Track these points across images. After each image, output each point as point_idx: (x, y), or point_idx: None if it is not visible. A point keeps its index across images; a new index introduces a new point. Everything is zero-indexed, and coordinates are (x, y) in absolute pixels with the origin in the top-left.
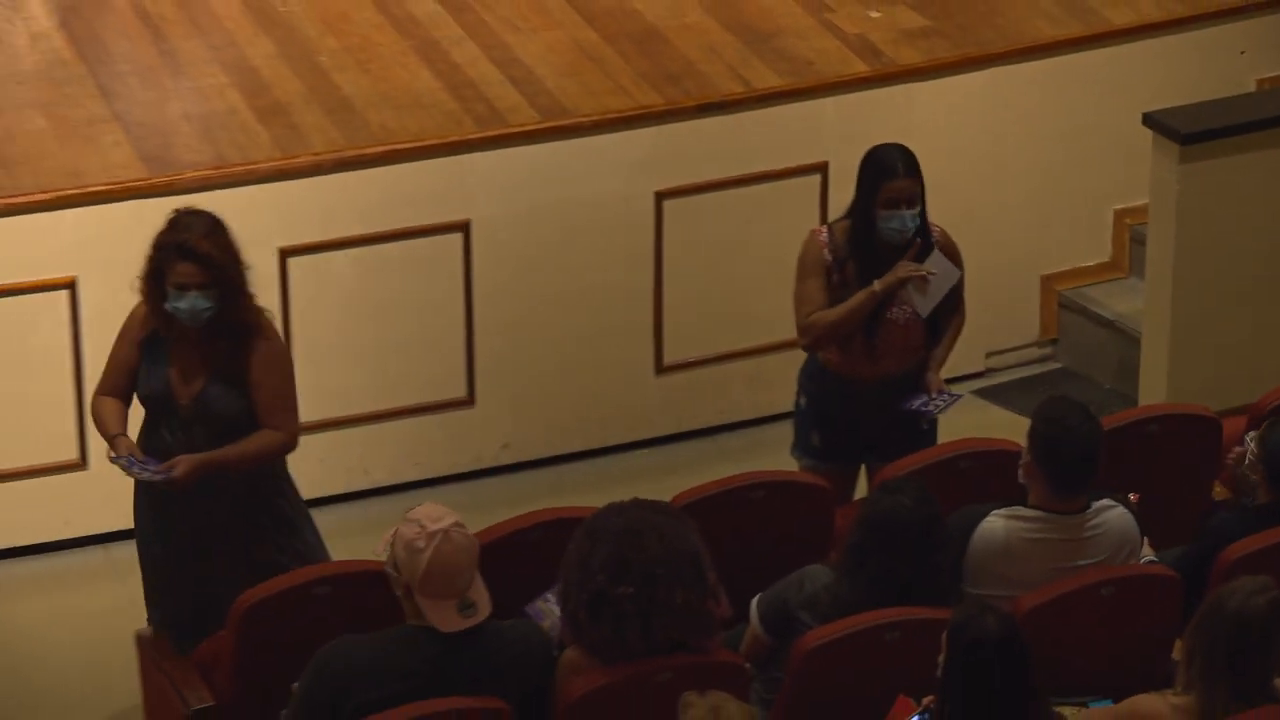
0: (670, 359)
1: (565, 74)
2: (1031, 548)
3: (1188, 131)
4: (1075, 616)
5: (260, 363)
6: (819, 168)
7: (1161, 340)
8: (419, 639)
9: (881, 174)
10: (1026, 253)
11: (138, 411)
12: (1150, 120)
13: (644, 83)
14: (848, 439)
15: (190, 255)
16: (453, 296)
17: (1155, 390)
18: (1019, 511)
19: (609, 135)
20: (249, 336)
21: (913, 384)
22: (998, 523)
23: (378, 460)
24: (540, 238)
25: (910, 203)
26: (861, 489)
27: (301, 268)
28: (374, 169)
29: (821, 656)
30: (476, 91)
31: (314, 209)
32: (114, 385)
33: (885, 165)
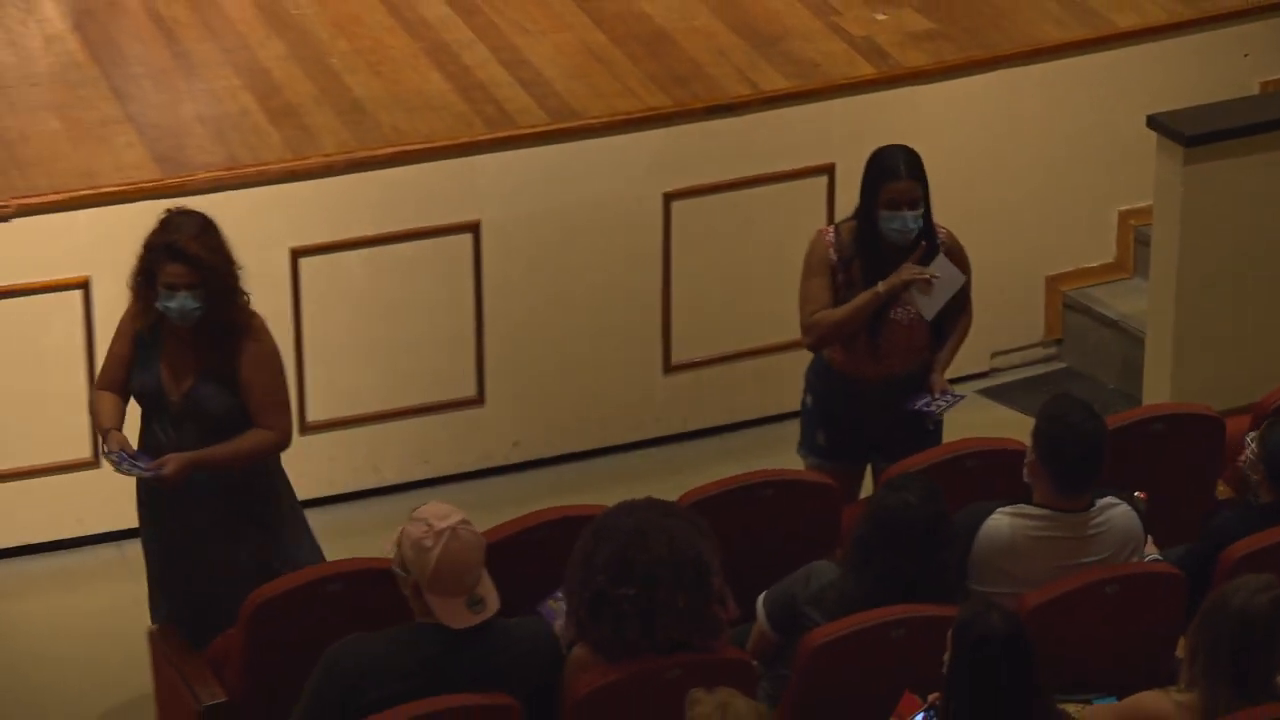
0: (678, 358)
1: (574, 76)
2: (1036, 545)
3: (1191, 133)
4: (1080, 614)
5: (250, 363)
6: (826, 169)
7: (1165, 340)
8: (428, 636)
9: (884, 175)
10: (1031, 253)
11: (137, 407)
12: (1154, 122)
13: (652, 85)
14: (853, 438)
15: (180, 256)
16: (462, 296)
17: (1159, 390)
18: (1024, 509)
19: (618, 137)
20: (239, 337)
21: (918, 384)
22: (1003, 520)
23: (388, 458)
24: (549, 238)
25: (912, 204)
26: (868, 488)
27: (313, 268)
28: (385, 170)
29: (828, 653)
30: (486, 93)
31: (325, 209)
32: (111, 380)
33: (888, 166)
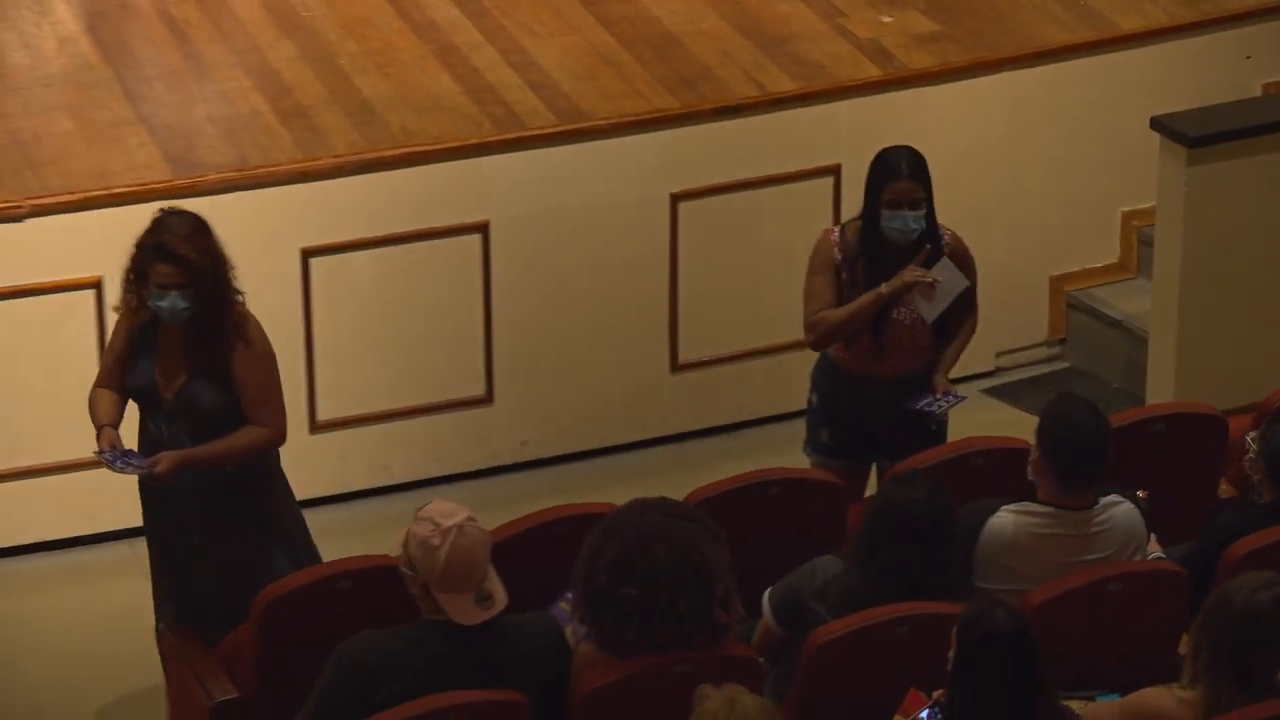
0: (685, 357)
1: (582, 78)
2: (1040, 543)
3: (1195, 135)
4: (1083, 611)
5: (242, 362)
6: (832, 170)
7: (1168, 340)
8: (437, 633)
9: (886, 175)
10: (1036, 254)
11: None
12: (1158, 124)
13: (660, 87)
14: (857, 437)
15: (169, 257)
16: (471, 296)
17: (1162, 389)
18: (1028, 507)
19: (625, 138)
20: (231, 337)
21: (921, 384)
22: (1007, 518)
23: (397, 457)
24: (558, 239)
25: (913, 204)
26: (873, 487)
27: (323, 267)
28: (394, 171)
29: (833, 651)
30: (495, 95)
31: (335, 210)
32: (108, 378)
33: (890, 166)
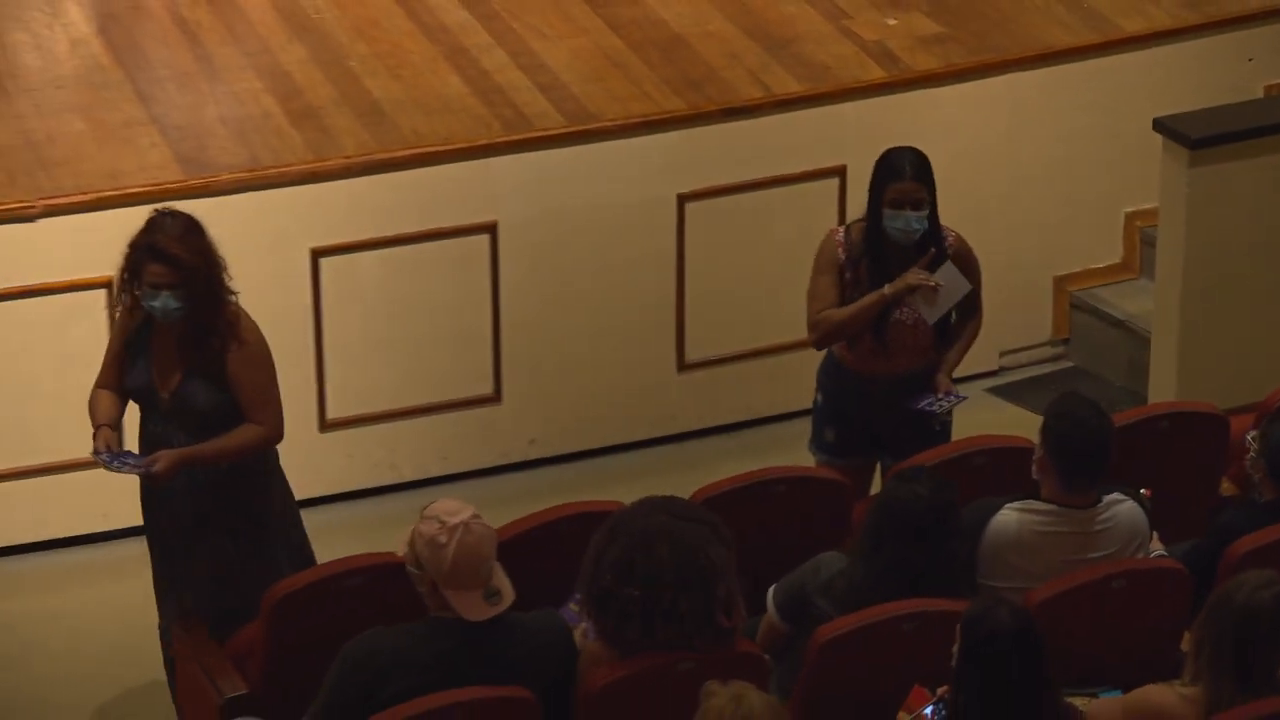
0: (692, 357)
1: (590, 80)
2: (1043, 540)
3: (1197, 136)
4: (1086, 609)
5: (236, 362)
6: (837, 171)
7: (1171, 340)
8: (445, 631)
9: (889, 175)
10: (1039, 254)
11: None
12: (1160, 125)
13: (667, 88)
14: (862, 435)
15: (161, 257)
16: (480, 296)
17: (1165, 388)
18: (1031, 505)
19: (633, 139)
20: (225, 337)
21: (925, 383)
22: (1011, 515)
23: (406, 455)
24: (565, 239)
25: (916, 205)
26: (877, 486)
27: (333, 267)
28: (404, 171)
29: (838, 647)
30: (504, 97)
31: (345, 210)
32: (107, 378)
33: (894, 166)
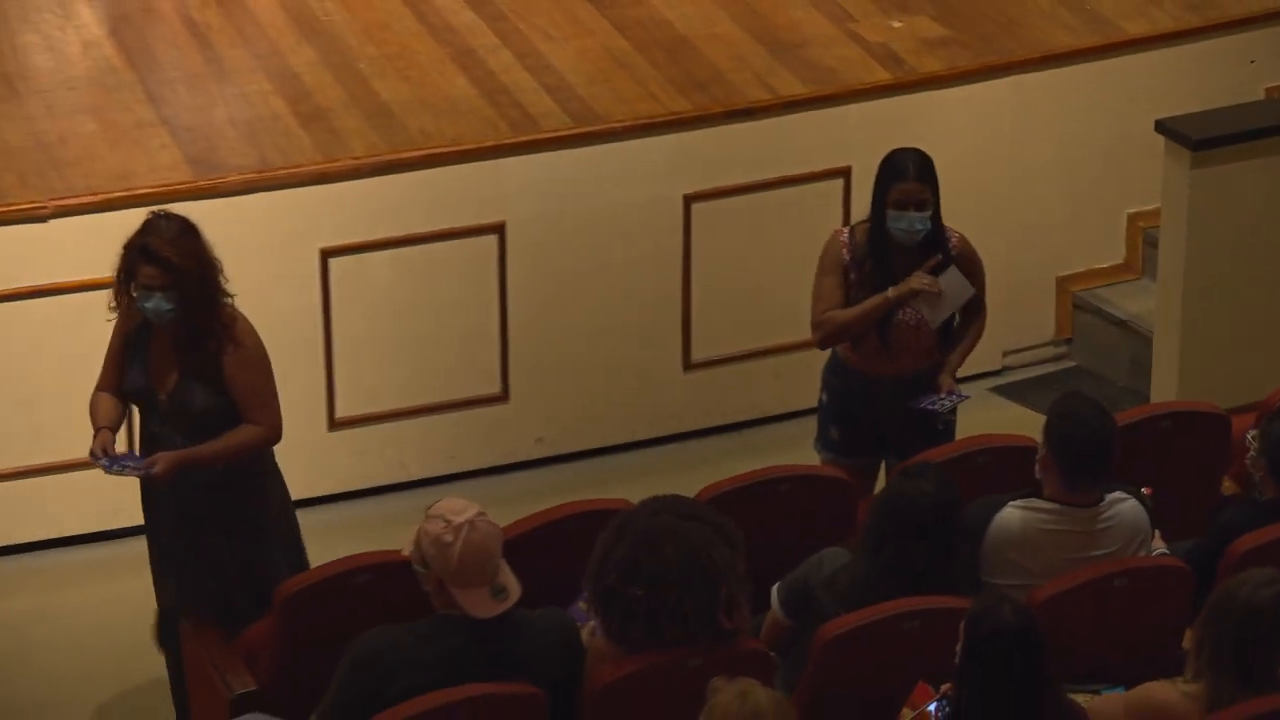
0: (698, 356)
1: (597, 81)
2: (1046, 538)
3: (1199, 138)
4: (1089, 606)
5: (232, 364)
6: (842, 172)
7: (1173, 339)
8: (453, 628)
9: (893, 175)
10: (1042, 254)
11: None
12: (1162, 127)
13: (673, 90)
14: (866, 435)
15: (153, 259)
16: (487, 296)
17: (1166, 388)
18: (1034, 503)
19: (639, 140)
20: (220, 339)
21: (929, 383)
22: (1014, 513)
23: (414, 454)
24: (572, 239)
25: (919, 205)
26: (882, 485)
27: (342, 267)
28: (412, 172)
29: (843, 645)
30: (511, 98)
31: (354, 211)
32: (107, 380)
33: (898, 167)
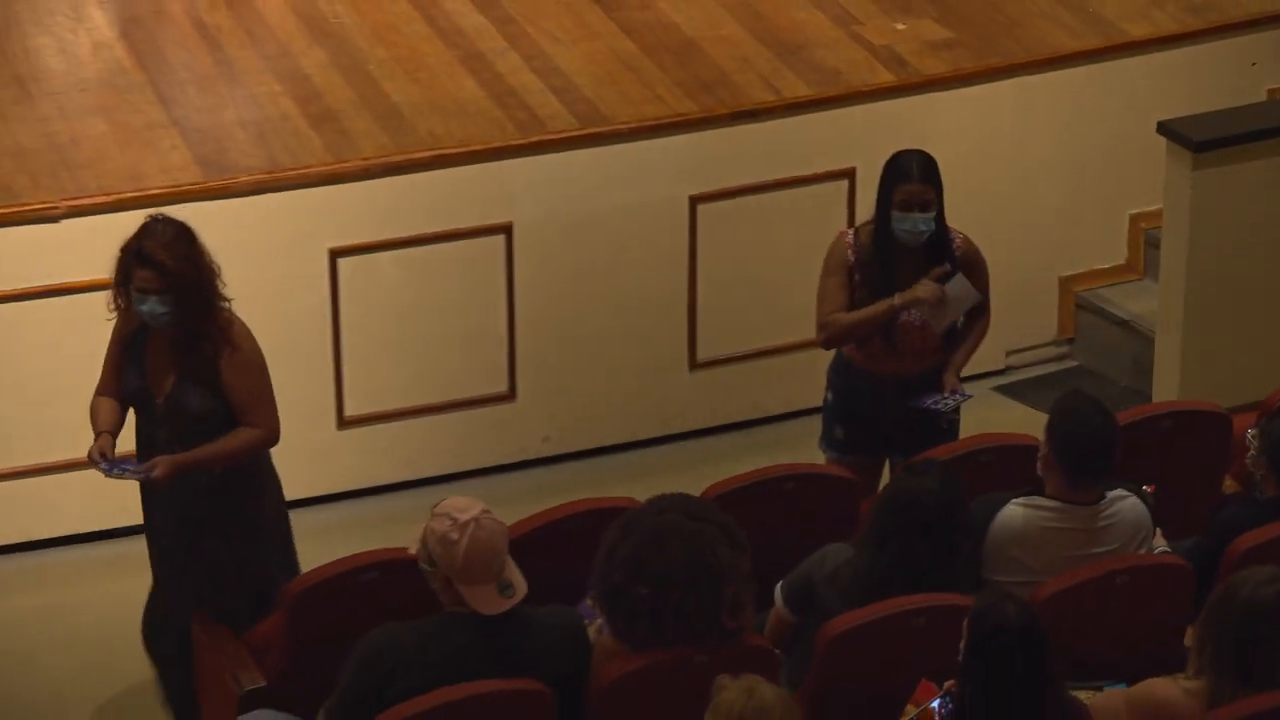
0: (704, 356)
1: (604, 83)
2: (1047, 535)
3: (1200, 139)
4: (1091, 603)
5: (229, 368)
6: (847, 173)
7: (1174, 339)
8: (460, 625)
9: (898, 177)
10: (1045, 255)
11: None
12: (1164, 129)
13: (679, 91)
14: (870, 433)
15: (148, 262)
16: (495, 295)
17: (1168, 387)
18: (1037, 501)
19: (646, 142)
20: (217, 343)
21: (932, 382)
22: (1016, 511)
23: (422, 452)
24: (579, 240)
25: (924, 206)
26: (885, 483)
27: (351, 267)
28: (421, 173)
29: (847, 641)
30: (519, 99)
31: (363, 211)
32: (106, 384)
33: (902, 169)
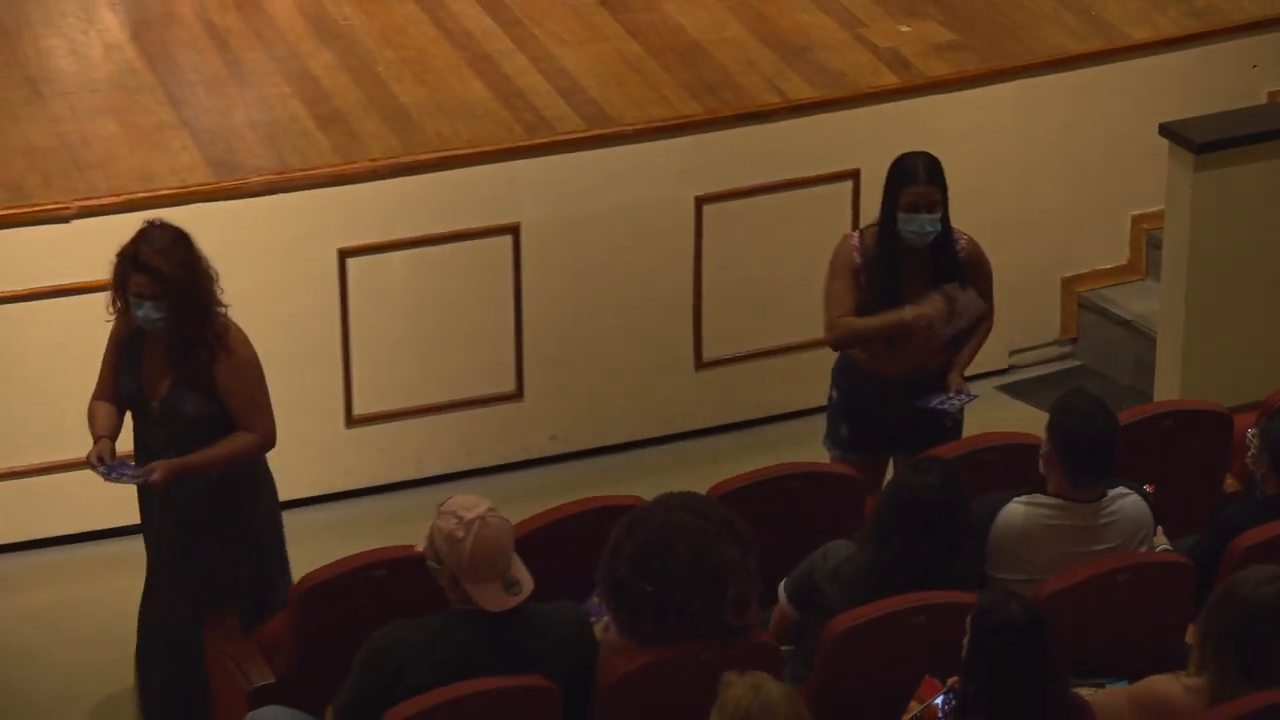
0: (709, 355)
1: (610, 84)
2: (1049, 533)
3: (1202, 141)
4: (1093, 601)
5: (226, 373)
6: (851, 174)
7: (1176, 339)
8: (467, 622)
9: (904, 179)
10: (1048, 256)
11: None
12: (1166, 130)
13: (685, 93)
14: (875, 432)
15: (143, 268)
16: (502, 295)
17: (1170, 387)
18: (1038, 499)
19: (651, 143)
20: (212, 348)
21: (937, 382)
22: (1018, 509)
23: (431, 451)
24: (586, 240)
25: (929, 208)
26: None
27: (359, 268)
28: (428, 174)
29: (852, 638)
30: (526, 101)
31: (371, 212)
32: (103, 388)
33: (908, 171)
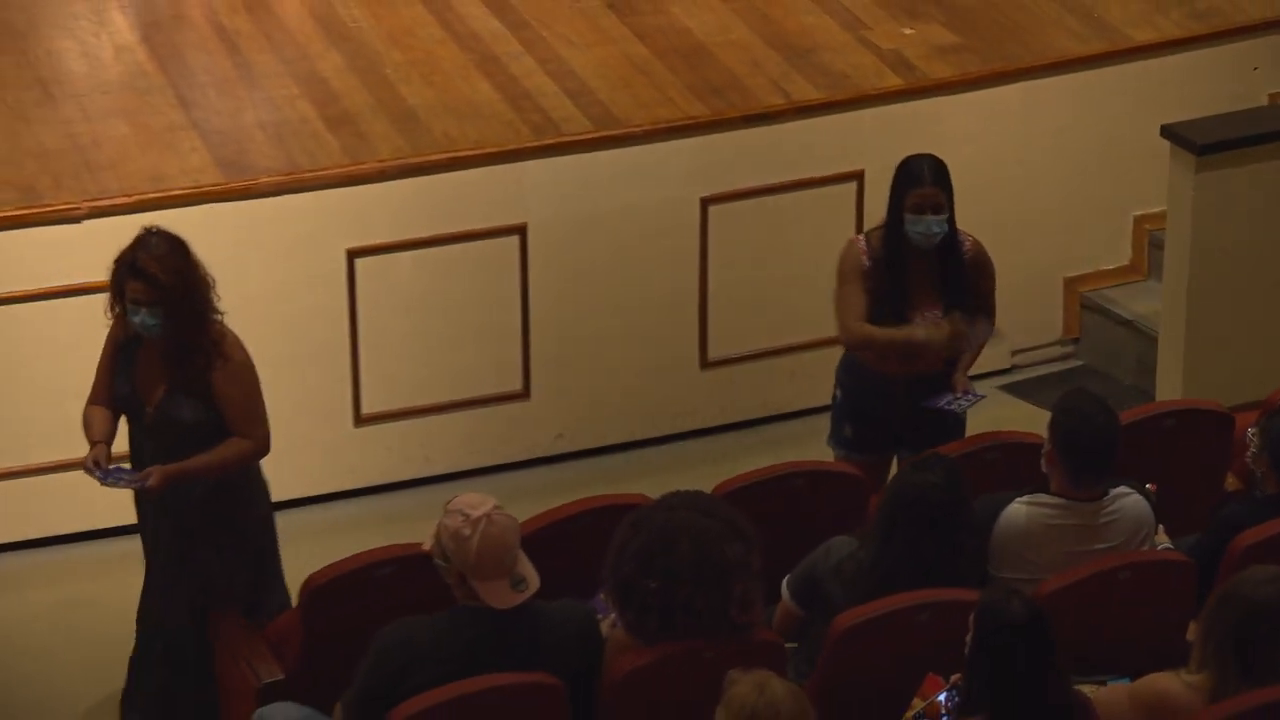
0: (714, 354)
1: (617, 86)
2: (1051, 532)
3: (1203, 142)
4: (1095, 599)
5: (221, 379)
6: (855, 176)
7: (1177, 339)
8: (474, 619)
9: (909, 181)
10: (1050, 256)
11: None
12: (1168, 132)
13: (691, 95)
14: (879, 432)
15: (140, 274)
16: (510, 295)
17: (1171, 387)
18: (1040, 498)
19: (658, 144)
20: (209, 355)
21: (942, 382)
22: (1020, 508)
23: (438, 449)
24: (592, 240)
25: (935, 209)
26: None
27: (368, 268)
28: (436, 175)
29: (855, 636)
30: (533, 102)
31: (380, 212)
32: (98, 392)
33: (914, 173)
